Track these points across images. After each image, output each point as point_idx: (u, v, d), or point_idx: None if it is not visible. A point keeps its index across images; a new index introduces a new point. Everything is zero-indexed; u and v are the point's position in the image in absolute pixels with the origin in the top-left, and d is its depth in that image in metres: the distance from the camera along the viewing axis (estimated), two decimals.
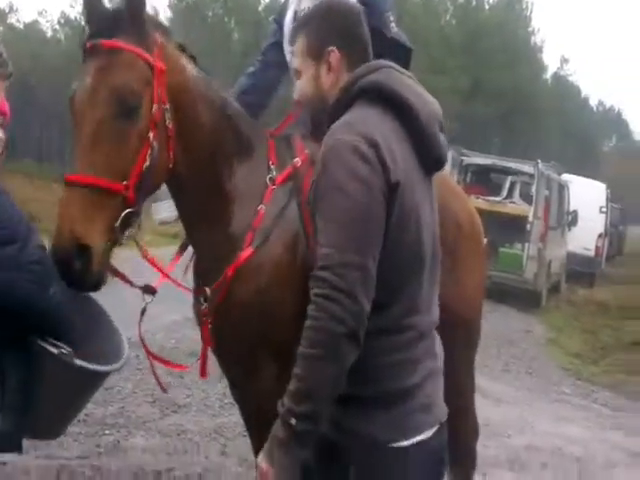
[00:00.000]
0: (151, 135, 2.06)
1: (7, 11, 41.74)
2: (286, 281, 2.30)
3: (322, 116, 1.87)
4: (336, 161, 1.65)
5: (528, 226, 11.85)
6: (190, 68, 2.31)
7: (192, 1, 34.83)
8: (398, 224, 1.68)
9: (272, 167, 2.46)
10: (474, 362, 3.50)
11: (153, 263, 2.41)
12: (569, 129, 45.84)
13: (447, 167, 12.30)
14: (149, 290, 2.38)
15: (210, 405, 5.49)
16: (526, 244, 11.90)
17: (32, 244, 1.83)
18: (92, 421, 4.90)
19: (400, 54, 2.92)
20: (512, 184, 13.24)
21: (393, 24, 2.92)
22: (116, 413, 5.12)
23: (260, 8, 36.33)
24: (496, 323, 9.37)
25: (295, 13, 3.06)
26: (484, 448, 4.05)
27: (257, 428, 2.46)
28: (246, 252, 2.31)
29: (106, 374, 2.15)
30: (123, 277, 2.25)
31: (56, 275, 1.89)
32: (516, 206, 12.70)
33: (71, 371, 1.96)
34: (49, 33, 43.16)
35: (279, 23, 3.15)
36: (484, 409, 3.68)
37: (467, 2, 38.45)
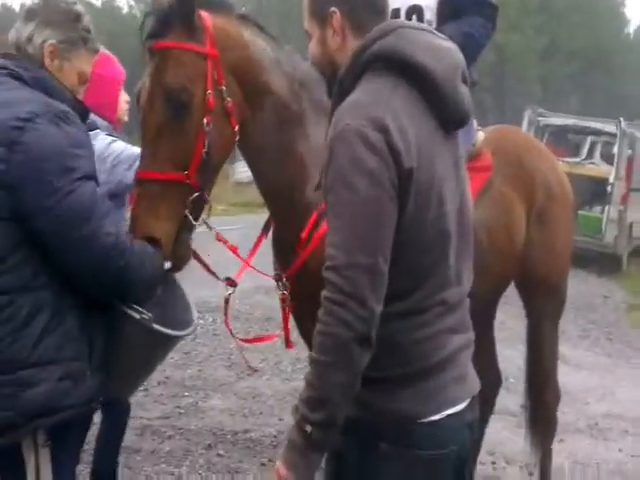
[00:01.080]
0: (205, 121, 2.16)
1: None
2: None
3: (334, 82, 1.75)
4: (343, 151, 1.55)
5: (609, 188, 11.41)
6: (252, 39, 2.32)
7: None
8: (417, 206, 1.58)
9: None
10: (558, 328, 3.45)
11: (233, 250, 2.47)
12: None
13: (524, 127, 12.04)
14: (231, 283, 2.46)
15: (283, 369, 5.60)
16: (606, 207, 11.49)
17: (104, 229, 1.86)
18: (172, 383, 5.09)
19: (486, 11, 2.85)
20: (592, 144, 12.73)
21: None
22: (194, 376, 5.29)
23: None
24: (574, 288, 8.96)
25: None
26: (562, 414, 3.98)
27: None
28: (323, 228, 2.30)
29: (179, 339, 2.22)
30: (207, 268, 2.39)
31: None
32: (596, 167, 12.22)
33: (149, 334, 2.03)
34: (125, 9, 44.00)
35: None
36: (562, 375, 3.60)
37: None
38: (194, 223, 2.20)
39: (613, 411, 5.28)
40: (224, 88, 2.20)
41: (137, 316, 1.99)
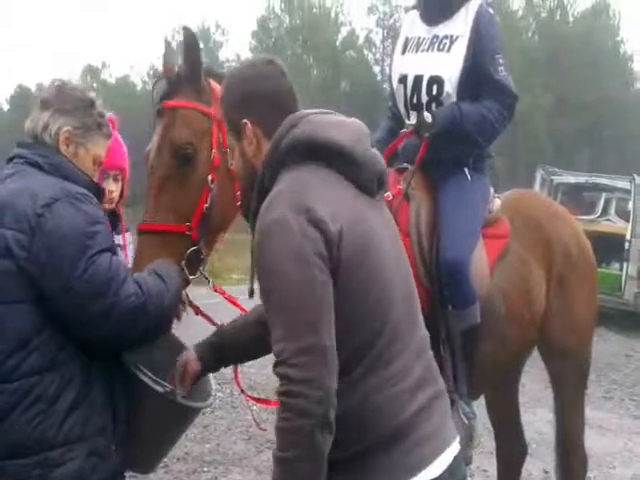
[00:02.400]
0: (209, 179, 2.27)
1: (100, 67, 44.08)
2: None
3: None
4: (266, 245, 1.59)
5: (626, 244, 11.35)
6: None
7: (272, 43, 35.79)
8: (353, 268, 1.60)
9: None
10: (584, 394, 3.39)
11: (233, 302, 2.50)
12: None
13: (536, 187, 12.09)
14: None
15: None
16: (624, 263, 11.40)
17: (123, 296, 1.91)
18: (191, 459, 5.03)
19: (505, 99, 2.90)
20: (607, 201, 12.71)
21: (502, 67, 2.90)
22: (213, 450, 5.23)
23: (337, 43, 36.91)
24: (595, 347, 8.83)
25: (406, 40, 3.09)
26: None
27: None
28: None
29: (200, 410, 2.25)
30: (206, 316, 2.44)
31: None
32: (612, 224, 12.18)
33: (172, 407, 2.07)
34: (139, 85, 45.20)
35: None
36: (586, 438, 3.52)
37: (550, 17, 37.65)
38: (189, 276, 2.27)
39: None
40: (228, 151, 2.24)
41: (160, 389, 2.02)
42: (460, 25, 2.90)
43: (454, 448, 1.71)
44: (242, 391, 2.60)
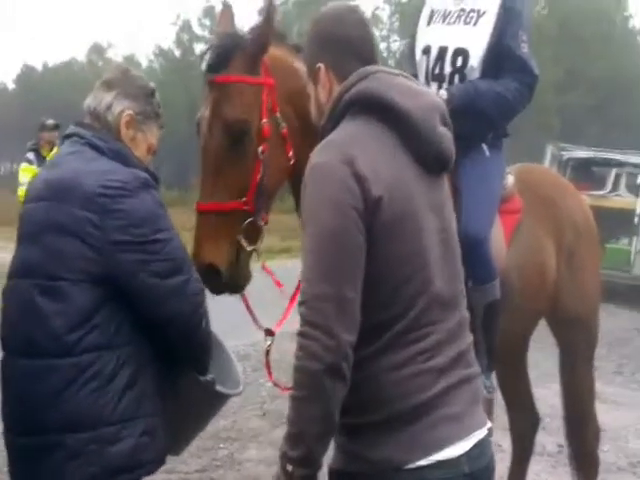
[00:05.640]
0: (260, 150, 2.29)
1: (105, 46, 44.01)
2: None
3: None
4: (310, 188, 1.60)
5: (636, 219, 11.34)
6: (301, 67, 2.34)
7: (279, 18, 35.48)
8: (389, 236, 1.59)
9: None
10: (593, 364, 3.44)
11: (278, 285, 2.57)
12: None
13: (546, 163, 12.05)
14: (269, 333, 2.54)
15: None
16: (634, 238, 11.40)
17: (194, 277, 1.98)
18: (207, 436, 5.06)
19: (526, 79, 2.87)
20: (617, 176, 12.66)
21: (525, 44, 2.87)
22: (229, 427, 5.28)
23: None
24: (605, 323, 8.77)
25: (432, 11, 3.06)
26: (602, 453, 3.91)
27: None
28: None
29: (230, 396, 2.28)
30: (253, 316, 2.49)
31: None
32: (622, 199, 12.15)
33: (211, 395, 2.12)
34: (145, 64, 45.09)
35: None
36: (599, 413, 3.54)
37: None
38: (247, 248, 2.31)
39: None
40: (279, 115, 2.34)
41: (201, 378, 2.06)
42: (487, 0, 2.88)
43: (477, 436, 1.66)
44: (275, 384, 2.62)
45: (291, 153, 2.38)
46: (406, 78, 1.78)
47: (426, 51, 2.99)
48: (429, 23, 3.04)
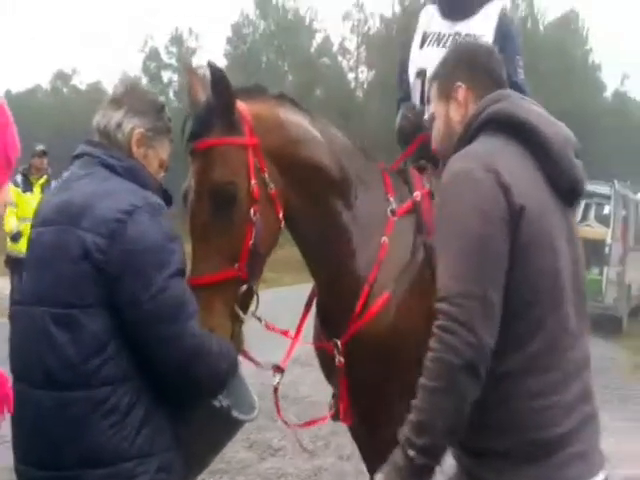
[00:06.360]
0: (252, 212, 2.17)
1: (70, 73, 43.67)
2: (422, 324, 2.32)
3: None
4: (453, 191, 1.64)
5: (606, 249, 11.56)
6: (286, 117, 2.34)
7: (246, 48, 35.71)
8: (528, 249, 1.61)
9: (391, 199, 2.48)
10: None
11: (285, 334, 2.52)
12: (635, 146, 44.69)
13: None
14: (278, 369, 2.50)
15: (305, 447, 5.49)
16: (605, 268, 11.60)
17: (190, 324, 1.89)
18: None
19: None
20: (586, 206, 12.92)
21: (521, 70, 2.94)
22: (217, 459, 5.11)
23: (312, 49, 36.97)
24: None
25: (424, 34, 3.09)
26: None
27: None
28: (383, 297, 2.35)
29: (245, 422, 2.24)
30: (253, 360, 2.39)
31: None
32: (592, 229, 12.40)
33: (227, 422, 2.09)
34: (111, 91, 44.72)
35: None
36: None
37: (522, 26, 38.11)
38: (242, 316, 2.20)
39: (636, 475, 5.19)
40: (266, 175, 2.21)
41: (217, 404, 2.03)
42: (482, 24, 2.93)
43: (600, 476, 1.68)
44: (285, 423, 2.59)
45: (281, 214, 2.26)
46: (536, 105, 1.83)
47: (420, 74, 3.01)
48: (422, 46, 3.07)
